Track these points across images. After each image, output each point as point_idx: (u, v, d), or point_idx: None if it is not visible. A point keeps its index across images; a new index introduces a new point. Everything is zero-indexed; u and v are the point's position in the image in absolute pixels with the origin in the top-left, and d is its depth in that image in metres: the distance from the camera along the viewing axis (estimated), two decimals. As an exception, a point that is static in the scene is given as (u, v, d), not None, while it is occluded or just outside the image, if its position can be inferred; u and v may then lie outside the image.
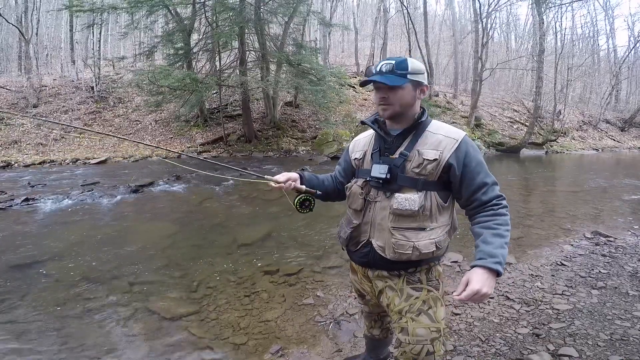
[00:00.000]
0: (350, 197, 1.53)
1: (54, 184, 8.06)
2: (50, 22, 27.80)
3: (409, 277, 1.43)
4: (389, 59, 1.38)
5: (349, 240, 1.53)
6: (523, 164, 13.87)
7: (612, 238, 4.43)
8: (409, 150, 1.38)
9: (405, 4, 19.77)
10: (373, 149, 1.50)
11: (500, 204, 1.34)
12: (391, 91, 1.35)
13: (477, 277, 1.21)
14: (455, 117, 17.93)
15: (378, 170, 1.41)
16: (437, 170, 1.34)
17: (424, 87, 1.41)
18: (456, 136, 1.37)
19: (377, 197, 1.43)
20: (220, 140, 14.60)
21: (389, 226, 1.38)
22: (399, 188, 1.37)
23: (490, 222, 1.31)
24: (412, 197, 1.33)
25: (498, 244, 1.26)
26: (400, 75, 1.34)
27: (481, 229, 1.33)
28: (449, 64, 29.59)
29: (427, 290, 1.43)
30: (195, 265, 3.88)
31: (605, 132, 24.91)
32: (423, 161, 1.34)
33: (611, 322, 2.47)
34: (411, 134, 1.41)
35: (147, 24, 15.00)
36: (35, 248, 4.35)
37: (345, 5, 33.20)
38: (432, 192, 1.36)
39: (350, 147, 1.66)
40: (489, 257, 1.23)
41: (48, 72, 20.33)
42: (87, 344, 2.52)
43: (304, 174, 1.69)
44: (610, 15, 34.91)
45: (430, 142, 1.37)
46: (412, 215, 1.34)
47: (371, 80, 1.37)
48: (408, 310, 1.41)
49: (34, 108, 15.17)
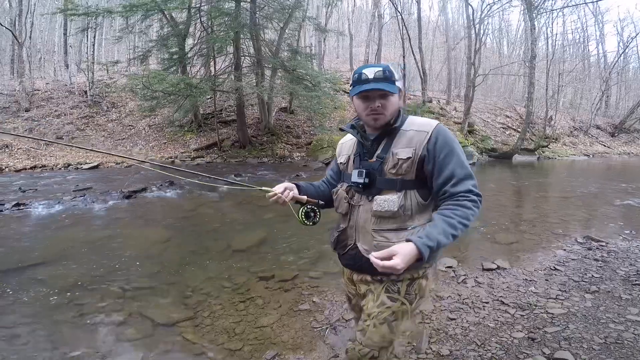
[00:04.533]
0: (337, 201, 1.54)
1: (46, 189, 7.97)
2: (44, 26, 27.66)
3: (390, 286, 1.40)
4: (374, 66, 1.36)
5: (336, 244, 1.54)
6: (515, 169, 14.00)
7: (604, 243, 4.48)
8: (385, 153, 1.38)
9: (399, 10, 19.97)
10: (355, 153, 1.51)
11: (467, 197, 1.27)
12: (385, 100, 1.34)
13: (404, 253, 1.12)
14: (449, 123, 18.06)
15: (357, 175, 1.42)
16: (412, 167, 1.33)
17: (404, 93, 1.45)
18: (427, 128, 1.35)
19: (360, 201, 1.44)
20: (215, 145, 14.56)
21: (372, 228, 1.39)
22: (379, 191, 1.38)
23: (448, 210, 1.25)
24: (391, 197, 1.34)
25: (441, 229, 1.19)
26: (394, 82, 1.34)
27: (437, 214, 1.27)
28: (443, 70, 29.87)
29: (400, 303, 1.39)
30: (190, 271, 3.85)
31: (595, 137, 25.25)
32: (398, 161, 1.34)
33: (605, 325, 2.50)
34: (386, 137, 1.41)
35: (141, 28, 14.97)
36: (27, 253, 4.28)
37: (340, 11, 33.45)
38: (412, 190, 1.35)
39: (337, 151, 1.68)
40: (426, 237, 1.16)
41: (41, 76, 20.19)
42: (79, 349, 2.48)
43: (300, 183, 1.65)
44: (600, 20, 35.56)
45: (403, 141, 1.37)
46: (392, 216, 1.34)
47: (372, 89, 1.33)
48: (375, 316, 1.39)
49: (26, 112, 15.03)
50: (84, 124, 15.19)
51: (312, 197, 1.62)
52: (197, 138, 15.26)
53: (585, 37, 35.44)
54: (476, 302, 2.95)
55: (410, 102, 19.21)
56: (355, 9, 37.61)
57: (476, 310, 2.82)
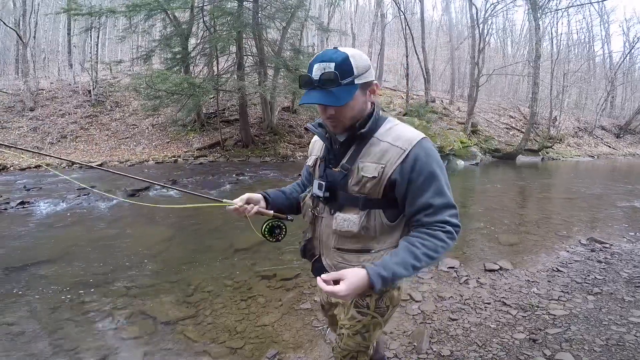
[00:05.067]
0: (303, 208, 1.40)
1: (50, 187, 8.02)
2: (48, 26, 27.81)
3: (358, 301, 1.31)
4: (325, 59, 1.07)
5: (304, 253, 1.43)
6: (519, 170, 13.95)
7: (608, 244, 4.46)
8: (350, 163, 1.18)
9: (402, 9, 19.94)
10: (322, 157, 1.32)
11: (443, 227, 1.10)
12: (340, 107, 1.11)
13: (352, 281, 1.01)
14: (452, 123, 18.02)
15: (317, 187, 1.26)
16: (378, 188, 1.14)
17: (374, 87, 1.17)
18: (405, 145, 1.12)
19: (323, 212, 1.30)
20: (217, 145, 14.60)
21: (333, 246, 1.27)
22: (340, 206, 1.22)
23: (416, 239, 1.10)
24: (352, 217, 1.18)
25: (401, 260, 1.05)
26: (348, 84, 1.07)
27: (402, 241, 1.13)
28: (446, 70, 29.80)
29: (371, 317, 1.32)
30: (192, 269, 3.87)
31: (600, 138, 25.10)
32: (362, 179, 1.15)
33: (607, 327, 2.49)
34: (355, 142, 1.20)
35: (145, 27, 15.02)
36: (31, 251, 4.32)
37: (342, 11, 33.38)
38: (376, 210, 1.18)
39: (309, 149, 1.47)
40: (381, 266, 1.03)
41: (45, 76, 20.30)
42: (81, 347, 2.50)
43: (269, 192, 1.47)
44: (605, 20, 35.28)
45: (373, 153, 1.15)
46: (353, 236, 1.20)
47: (310, 103, 1.11)
48: (348, 328, 1.37)
49: (31, 111, 15.12)
50: (88, 123, 15.26)
51: (282, 207, 1.46)
52: (200, 137, 15.29)
53: (590, 37, 35.23)
54: (478, 303, 2.95)
55: (414, 102, 19.16)
56: (358, 9, 37.55)
57: (478, 311, 2.81)
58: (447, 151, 14.31)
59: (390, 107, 19.82)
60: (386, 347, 2.39)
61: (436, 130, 15.24)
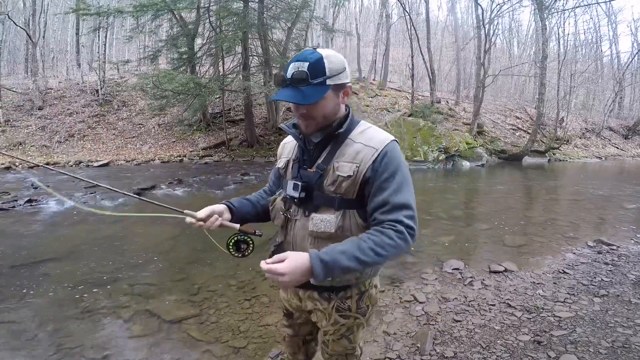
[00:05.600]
0: (273, 211, 1.36)
1: (58, 185, 8.10)
2: (57, 25, 28.12)
3: (339, 305, 1.30)
4: (300, 59, 1.11)
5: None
6: (525, 172, 13.84)
7: (615, 246, 4.41)
8: (326, 164, 1.19)
9: (407, 10, 19.89)
10: (294, 158, 1.31)
11: (394, 226, 1.08)
12: (310, 106, 1.13)
13: (294, 259, 1.01)
14: (458, 124, 17.92)
15: (292, 187, 1.23)
16: (353, 187, 1.16)
17: (347, 89, 1.19)
18: (377, 145, 1.15)
19: (296, 214, 1.26)
20: (223, 144, 14.66)
21: (309, 248, 1.22)
22: (316, 207, 1.21)
23: (366, 234, 1.09)
24: (328, 217, 1.17)
25: (345, 248, 1.04)
26: (319, 84, 1.10)
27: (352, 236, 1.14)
28: (451, 71, 29.67)
29: (354, 319, 1.34)
30: (196, 268, 3.89)
31: (608, 139, 24.84)
32: (337, 178, 1.16)
33: (613, 329, 2.46)
34: (331, 143, 1.21)
35: (152, 28, 15.12)
36: (37, 249, 4.36)
37: (347, 11, 33.40)
38: (351, 210, 1.18)
39: (278, 152, 1.44)
40: (324, 252, 1.02)
41: (54, 75, 20.53)
42: (86, 345, 2.52)
43: (233, 202, 1.40)
44: (613, 20, 34.86)
45: (348, 153, 1.17)
46: (329, 237, 1.18)
47: (280, 100, 1.14)
48: (332, 334, 1.37)
49: (39, 110, 15.29)
50: (95, 122, 15.41)
51: (248, 217, 1.41)
52: (206, 137, 15.37)
53: (598, 38, 34.83)
54: (482, 305, 2.93)
55: (419, 102, 19.09)
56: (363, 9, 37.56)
57: (482, 313, 2.80)
58: (453, 152, 14.24)
59: (395, 107, 19.76)
60: (389, 347, 2.39)
61: (441, 131, 15.17)
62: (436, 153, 13.86)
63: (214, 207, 1.32)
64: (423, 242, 4.69)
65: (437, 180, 11.04)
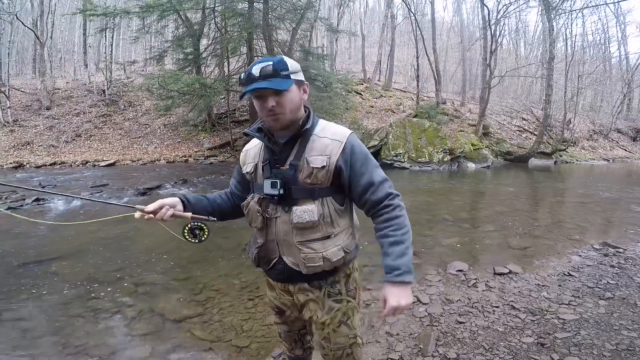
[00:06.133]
0: (249, 215, 1.42)
1: (64, 185, 8.18)
2: (65, 26, 28.40)
3: (330, 290, 1.41)
4: (263, 61, 1.23)
5: (259, 260, 1.44)
6: (531, 173, 13.75)
7: (622, 249, 4.37)
8: (298, 160, 1.29)
9: (412, 10, 19.84)
10: (263, 160, 1.37)
11: (391, 205, 1.30)
12: (280, 97, 1.22)
13: (390, 294, 1.25)
14: (463, 125, 17.84)
15: (270, 186, 1.30)
16: (327, 177, 1.28)
17: (305, 86, 1.32)
18: (341, 137, 1.30)
19: (276, 212, 1.33)
20: (227, 145, 14.72)
21: (295, 241, 1.32)
22: (295, 201, 1.30)
23: (386, 229, 1.29)
24: (310, 207, 1.27)
25: (398, 253, 1.26)
26: (284, 77, 1.22)
27: (380, 238, 1.31)
28: (457, 71, 29.53)
29: (346, 302, 1.43)
30: (200, 268, 3.91)
31: (616, 141, 24.59)
32: (313, 170, 1.26)
33: (618, 332, 2.44)
34: (299, 141, 1.32)
35: (157, 28, 15.23)
36: (44, 248, 4.41)
37: (352, 12, 33.39)
38: (327, 197, 1.31)
39: (241, 159, 1.51)
40: (393, 270, 1.24)
41: (61, 75, 20.74)
42: (90, 343, 2.54)
43: (188, 197, 1.49)
44: (622, 22, 34.47)
45: (317, 148, 1.29)
46: (313, 226, 1.29)
47: (254, 89, 1.21)
48: (330, 323, 1.43)
49: (47, 110, 15.45)
50: (102, 122, 15.54)
51: (203, 213, 1.47)
52: (211, 137, 15.44)
53: (606, 39, 34.48)
54: (486, 306, 2.92)
55: (424, 103, 19.04)
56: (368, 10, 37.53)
57: (486, 314, 2.78)
58: (458, 153, 14.18)
59: (400, 108, 19.72)
60: (391, 348, 2.38)
61: (447, 132, 15.12)
62: (441, 154, 13.81)
63: (164, 200, 1.41)
64: (427, 243, 4.68)
65: (442, 181, 11.00)
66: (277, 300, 1.56)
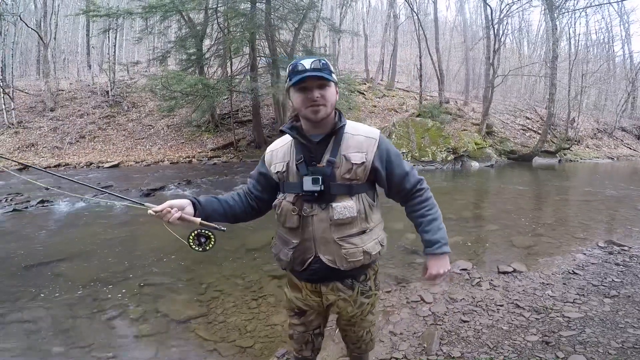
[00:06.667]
0: (282, 215, 1.41)
1: (69, 186, 8.22)
2: (68, 27, 28.55)
3: (362, 288, 1.47)
4: (311, 57, 1.31)
5: (292, 262, 1.42)
6: (535, 172, 13.68)
7: (627, 247, 4.34)
8: (334, 156, 1.33)
9: (415, 10, 19.80)
10: (297, 159, 1.37)
11: (423, 188, 1.44)
12: (324, 90, 1.29)
13: (431, 263, 1.43)
14: (466, 124, 17.78)
15: (311, 182, 1.31)
16: (365, 173, 1.34)
17: (337, 88, 1.39)
18: (374, 135, 1.38)
19: (312, 210, 1.34)
20: (231, 145, 14.74)
21: (334, 238, 1.33)
22: (332, 197, 1.32)
23: (422, 209, 1.44)
24: (349, 204, 1.32)
25: (435, 228, 1.42)
26: (329, 73, 1.30)
27: (417, 218, 1.45)
28: (460, 71, 29.45)
29: (374, 295, 1.54)
30: (204, 268, 3.92)
31: (621, 140, 24.43)
32: (352, 166, 1.31)
33: (623, 330, 2.42)
34: (332, 139, 1.36)
35: (160, 29, 15.29)
36: (49, 249, 4.44)
37: (355, 12, 33.38)
38: (362, 194, 1.36)
39: (266, 160, 1.50)
40: (434, 244, 1.41)
41: (65, 76, 20.85)
42: (95, 343, 2.56)
43: (200, 199, 1.44)
44: (625, 20, 34.36)
45: (353, 145, 1.34)
46: (351, 222, 1.33)
47: (311, 76, 1.27)
48: (359, 315, 1.54)
49: (51, 111, 15.53)
50: (106, 124, 15.60)
51: (215, 215, 1.44)
52: (214, 138, 15.47)
53: (610, 38, 34.25)
54: (490, 305, 2.91)
55: (427, 103, 18.99)
56: (370, 10, 37.50)
57: (490, 313, 2.77)
58: (461, 152, 14.13)
59: (403, 108, 19.69)
60: (395, 348, 2.38)
61: (450, 132, 15.06)
62: (444, 153, 13.77)
63: (173, 201, 1.36)
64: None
65: (445, 180, 10.97)
66: (301, 302, 1.54)
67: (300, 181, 1.34)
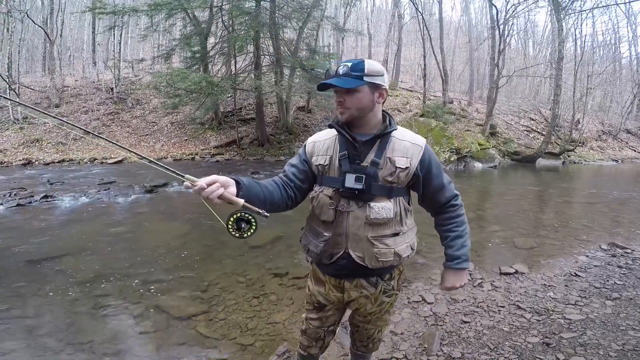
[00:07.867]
0: (319, 207, 1.42)
1: (72, 182, 8.26)
2: (74, 24, 28.64)
3: (386, 287, 1.51)
4: (346, 61, 1.34)
5: (321, 255, 1.44)
6: (539, 174, 13.62)
7: (630, 250, 4.32)
8: (379, 158, 1.34)
9: (420, 10, 19.73)
10: (340, 155, 1.38)
11: (456, 204, 1.47)
12: (347, 94, 1.32)
13: (448, 277, 1.50)
14: (470, 124, 17.72)
15: (354, 180, 1.33)
16: (407, 177, 1.36)
17: (382, 91, 1.37)
18: (420, 143, 1.40)
19: (349, 207, 1.36)
20: (234, 143, 14.75)
21: (367, 236, 1.36)
22: (372, 197, 1.34)
23: (450, 225, 1.47)
24: (387, 205, 1.35)
25: (459, 245, 1.46)
26: (356, 77, 1.30)
27: (444, 232, 1.50)
28: (465, 71, 29.32)
29: (395, 295, 1.57)
30: (206, 265, 3.93)
31: (625, 142, 24.28)
32: (396, 169, 1.34)
33: (624, 332, 2.42)
34: (379, 140, 1.37)
35: (165, 26, 15.28)
36: (51, 244, 4.46)
37: (359, 11, 33.22)
38: (400, 197, 1.39)
39: (308, 150, 1.48)
40: (454, 260, 1.46)
41: (70, 73, 20.93)
42: (96, 340, 2.57)
43: (242, 179, 1.27)
44: (632, 22, 33.99)
45: (399, 149, 1.36)
46: (387, 223, 1.36)
47: (329, 85, 1.32)
48: (378, 313, 1.60)
49: (56, 108, 15.60)
50: (110, 120, 15.65)
51: (255, 200, 1.27)
52: (217, 136, 15.49)
53: (616, 39, 33.95)
54: (491, 306, 2.91)
55: (431, 102, 18.93)
56: (375, 9, 37.36)
57: (491, 314, 2.77)
58: (465, 153, 14.09)
59: (407, 107, 19.64)
60: (396, 347, 2.39)
61: (453, 132, 15.03)
62: (448, 154, 13.73)
63: (218, 177, 1.19)
64: (432, 243, 4.66)
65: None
66: (323, 296, 1.57)
67: (341, 177, 1.36)
